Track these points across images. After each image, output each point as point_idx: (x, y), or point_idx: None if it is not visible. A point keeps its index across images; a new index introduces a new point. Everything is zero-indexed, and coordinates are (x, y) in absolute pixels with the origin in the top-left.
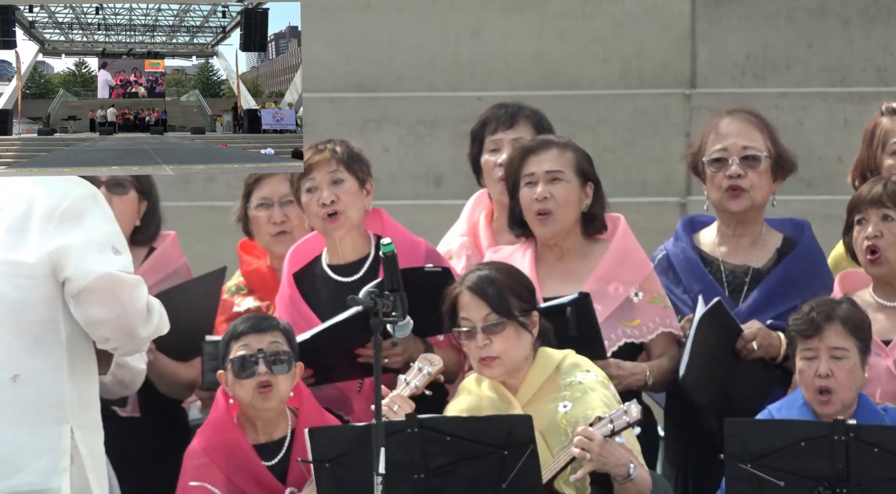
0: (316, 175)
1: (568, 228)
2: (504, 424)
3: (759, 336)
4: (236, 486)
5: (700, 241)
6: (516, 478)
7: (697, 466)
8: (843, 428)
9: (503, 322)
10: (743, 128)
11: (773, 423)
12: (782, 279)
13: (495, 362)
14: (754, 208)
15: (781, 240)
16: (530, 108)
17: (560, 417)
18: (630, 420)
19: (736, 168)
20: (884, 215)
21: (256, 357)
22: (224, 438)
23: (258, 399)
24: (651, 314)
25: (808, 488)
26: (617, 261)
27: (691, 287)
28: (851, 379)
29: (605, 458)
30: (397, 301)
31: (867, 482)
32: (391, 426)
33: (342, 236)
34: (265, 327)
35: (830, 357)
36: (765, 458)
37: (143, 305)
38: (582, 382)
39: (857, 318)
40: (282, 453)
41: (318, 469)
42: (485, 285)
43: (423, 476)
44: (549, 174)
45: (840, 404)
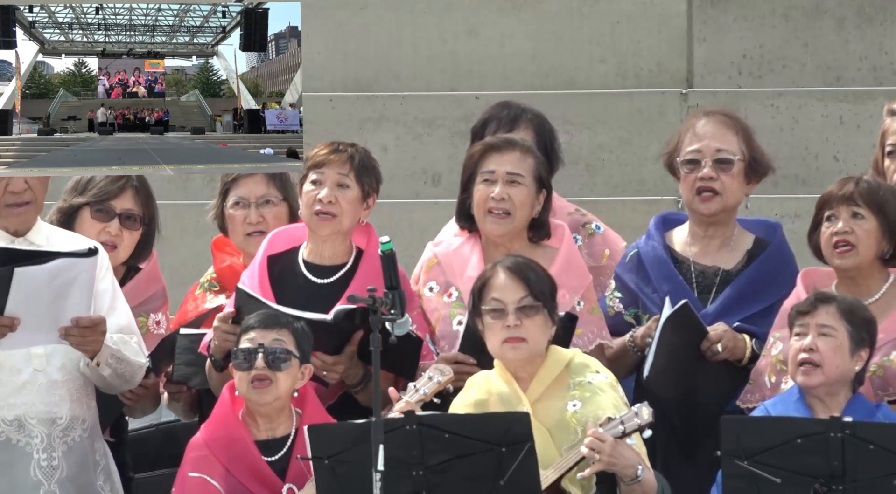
0: (326, 171)
1: (519, 230)
2: (502, 421)
3: (724, 338)
4: (235, 479)
5: (672, 240)
6: (514, 475)
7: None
8: (838, 426)
9: (537, 306)
10: (718, 130)
11: (770, 420)
12: (751, 281)
13: (522, 344)
14: (725, 210)
15: (753, 241)
16: (533, 112)
17: (569, 415)
18: (641, 423)
19: (708, 170)
20: (853, 212)
21: (257, 351)
22: (226, 431)
23: (252, 392)
24: (591, 324)
25: (804, 484)
26: (564, 270)
27: (660, 286)
28: (836, 357)
29: (616, 459)
30: (395, 299)
31: (863, 478)
32: (390, 423)
33: (325, 237)
34: (272, 324)
35: (819, 333)
36: (761, 455)
37: None
38: (592, 382)
39: (855, 307)
40: (283, 450)
41: (318, 465)
42: (525, 269)
43: (421, 473)
44: (509, 175)
45: (822, 379)
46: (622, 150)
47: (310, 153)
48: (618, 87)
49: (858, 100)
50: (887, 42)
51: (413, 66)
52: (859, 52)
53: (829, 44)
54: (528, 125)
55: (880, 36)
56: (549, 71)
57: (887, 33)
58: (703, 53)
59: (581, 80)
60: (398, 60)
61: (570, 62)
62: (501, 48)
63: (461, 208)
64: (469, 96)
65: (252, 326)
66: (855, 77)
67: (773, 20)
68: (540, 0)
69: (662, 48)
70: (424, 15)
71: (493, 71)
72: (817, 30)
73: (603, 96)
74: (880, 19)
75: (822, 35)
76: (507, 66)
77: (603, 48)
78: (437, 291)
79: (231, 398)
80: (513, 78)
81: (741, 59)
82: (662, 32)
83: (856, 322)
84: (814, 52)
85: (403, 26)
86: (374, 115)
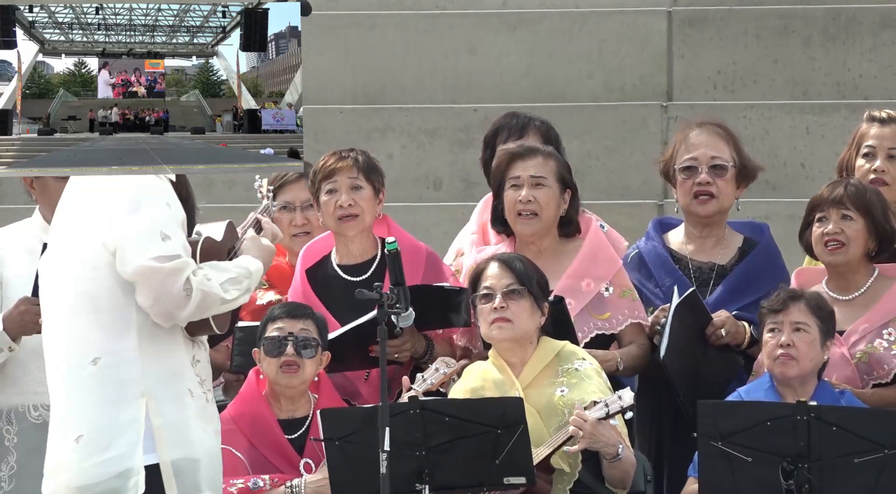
0: (338, 179)
1: (548, 228)
2: (498, 406)
3: (727, 324)
4: (258, 452)
5: (669, 241)
6: (509, 454)
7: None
8: (804, 409)
9: (522, 291)
10: (711, 139)
11: (742, 404)
12: (744, 275)
13: (507, 324)
14: (720, 212)
15: (743, 240)
16: (539, 119)
17: (557, 399)
18: (623, 405)
19: (705, 176)
20: (843, 214)
21: (287, 339)
22: (251, 409)
23: (281, 376)
24: (621, 307)
25: (773, 463)
26: (589, 259)
27: (662, 281)
28: (810, 351)
29: (597, 438)
30: (400, 294)
31: (826, 457)
32: (395, 407)
33: (353, 237)
34: (299, 314)
35: (793, 330)
36: (734, 436)
37: (177, 290)
38: (579, 369)
39: (820, 302)
40: (302, 429)
41: (329, 446)
42: (514, 260)
43: (424, 453)
44: (533, 178)
45: (798, 371)
46: (608, 158)
47: (317, 166)
48: (604, 100)
49: (823, 112)
50: (849, 59)
51: (417, 80)
52: (824, 69)
53: (796, 61)
54: (536, 132)
55: (843, 54)
56: (542, 85)
57: (849, 51)
58: (681, 69)
59: (571, 94)
60: (403, 75)
61: (561, 77)
62: (498, 64)
63: (495, 214)
64: (468, 109)
65: (279, 316)
66: (820, 91)
67: (745, 39)
68: (534, 21)
69: (645, 65)
70: (427, 34)
71: (491, 85)
72: (785, 48)
73: (591, 108)
74: (843, 39)
75: (790, 53)
76: (503, 81)
77: (591, 64)
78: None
79: (257, 379)
80: (509, 91)
81: (716, 75)
82: (645, 50)
83: (823, 316)
84: (782, 68)
85: (408, 44)
86: (381, 126)
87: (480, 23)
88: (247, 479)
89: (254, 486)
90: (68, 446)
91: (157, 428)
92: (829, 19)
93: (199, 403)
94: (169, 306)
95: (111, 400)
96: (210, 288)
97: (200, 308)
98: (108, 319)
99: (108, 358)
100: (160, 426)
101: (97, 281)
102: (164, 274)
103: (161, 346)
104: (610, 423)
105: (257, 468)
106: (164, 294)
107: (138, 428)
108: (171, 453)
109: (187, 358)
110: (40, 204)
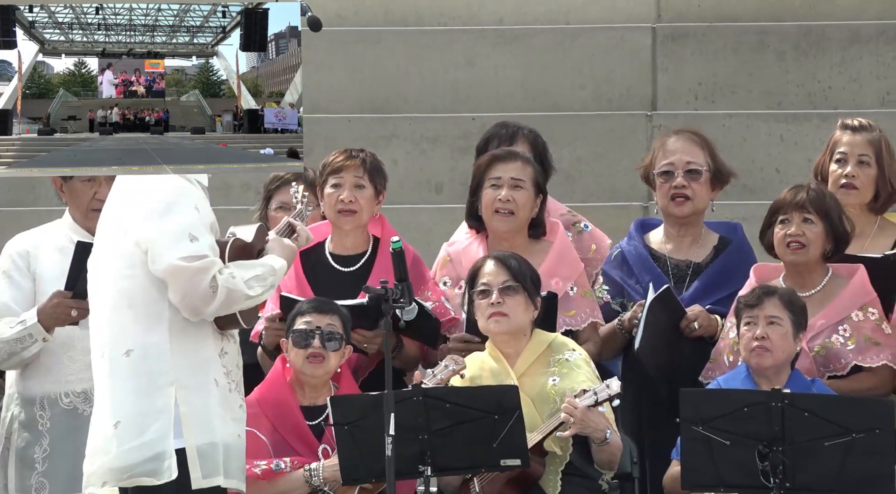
0: (344, 175)
1: (521, 227)
2: (494, 393)
3: (700, 317)
4: (280, 435)
5: (650, 240)
6: (504, 438)
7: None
8: (779, 397)
9: (517, 287)
10: (687, 146)
11: (721, 392)
12: (719, 272)
13: (503, 318)
14: (696, 213)
15: (718, 239)
16: (528, 128)
17: (549, 388)
18: (611, 393)
19: (681, 180)
20: (804, 218)
21: (314, 332)
22: (276, 395)
23: (307, 366)
24: (583, 306)
25: (749, 446)
26: (557, 260)
27: (643, 278)
28: (784, 343)
29: (587, 424)
30: (404, 289)
31: (798, 441)
32: (400, 394)
33: (348, 231)
34: (326, 310)
35: (767, 323)
36: (714, 421)
37: (203, 287)
38: (569, 360)
39: (793, 297)
40: (322, 417)
41: (339, 431)
42: (509, 258)
43: (426, 437)
44: (513, 180)
45: (772, 361)
46: (597, 163)
47: (327, 160)
48: (594, 110)
49: (796, 121)
50: (819, 72)
51: (419, 91)
52: (796, 81)
53: (771, 74)
54: (525, 140)
55: (814, 67)
56: (536, 96)
57: (819, 65)
58: (665, 81)
59: (563, 104)
60: (407, 87)
61: (554, 88)
62: (495, 76)
63: (470, 210)
64: (467, 117)
65: (307, 311)
66: (793, 102)
67: (724, 54)
68: (528, 36)
69: (631, 77)
70: (429, 48)
71: (488, 96)
72: (761, 62)
73: (581, 117)
74: (814, 53)
75: (766, 66)
76: (499, 92)
77: (582, 77)
78: (450, 284)
79: (282, 367)
80: (505, 102)
81: (697, 86)
82: (631, 63)
83: (796, 310)
84: (758, 80)
85: (411, 58)
86: (386, 133)
87: (478, 38)
88: (269, 461)
89: (276, 468)
90: (108, 431)
91: (183, 415)
92: (801, 35)
93: (223, 392)
94: (196, 302)
95: (145, 389)
96: (235, 285)
97: (226, 304)
98: (143, 314)
99: (141, 350)
100: (186, 413)
101: (132, 278)
102: (191, 272)
103: (190, 339)
104: (598, 410)
105: (279, 450)
106: (191, 291)
107: (169, 415)
108: (196, 438)
109: (215, 350)
110: (69, 206)
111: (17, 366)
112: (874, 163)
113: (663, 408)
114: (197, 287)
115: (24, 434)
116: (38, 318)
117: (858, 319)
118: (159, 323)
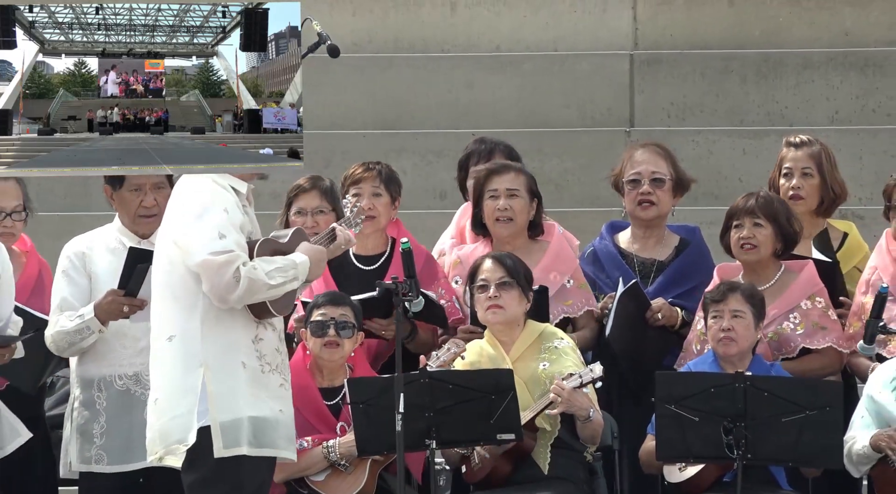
0: (363, 185)
1: (520, 231)
2: (491, 376)
3: (663, 309)
4: (302, 416)
5: (619, 240)
6: (500, 416)
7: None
8: (742, 379)
9: (512, 282)
10: (652, 157)
11: (691, 375)
12: (679, 269)
13: (500, 310)
14: (660, 217)
15: (679, 240)
16: (503, 143)
17: (540, 372)
18: (594, 376)
19: (647, 187)
20: (755, 222)
21: (329, 322)
22: (297, 379)
23: (325, 352)
24: (579, 296)
25: (716, 422)
26: (555, 257)
27: (612, 274)
28: (746, 333)
29: (573, 403)
30: (412, 285)
31: (759, 417)
32: (408, 377)
33: (369, 234)
34: (339, 302)
35: (731, 316)
36: (684, 400)
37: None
38: (558, 347)
39: (754, 291)
40: (339, 397)
41: (355, 409)
42: (505, 257)
43: (431, 414)
44: (508, 191)
45: (737, 349)
46: (582, 174)
47: (347, 172)
48: (579, 126)
49: (756, 137)
50: (777, 93)
51: (425, 110)
52: (757, 101)
53: (734, 95)
54: (501, 155)
55: (772, 89)
56: (528, 114)
57: (777, 87)
58: (641, 102)
59: (552, 121)
60: (414, 106)
61: (544, 107)
62: (492, 97)
63: (475, 219)
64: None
65: (323, 303)
66: (754, 119)
67: (693, 77)
68: (521, 62)
69: (611, 98)
70: (434, 72)
71: (486, 114)
72: (726, 84)
73: (568, 133)
74: (772, 76)
75: (730, 88)
76: (496, 111)
77: (568, 97)
78: (460, 283)
79: (303, 354)
80: (500, 119)
81: (670, 106)
82: (612, 86)
83: (756, 303)
84: (723, 100)
85: (419, 80)
86: (396, 147)
87: (477, 63)
88: None
89: (299, 446)
90: (151, 407)
91: (210, 394)
92: (761, 61)
93: (254, 374)
94: (221, 291)
95: (180, 370)
96: (256, 275)
97: (249, 292)
98: (182, 304)
99: (180, 335)
100: (213, 392)
101: (174, 273)
102: (218, 264)
103: (221, 326)
104: (583, 391)
105: (301, 430)
106: (217, 281)
107: (197, 393)
108: (221, 414)
109: (248, 336)
110: (119, 212)
111: (77, 354)
112: (816, 173)
113: (627, 389)
114: (223, 277)
115: (84, 412)
116: (94, 313)
117: (807, 307)
118: (195, 312)
